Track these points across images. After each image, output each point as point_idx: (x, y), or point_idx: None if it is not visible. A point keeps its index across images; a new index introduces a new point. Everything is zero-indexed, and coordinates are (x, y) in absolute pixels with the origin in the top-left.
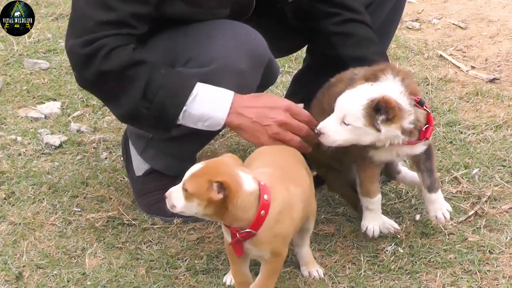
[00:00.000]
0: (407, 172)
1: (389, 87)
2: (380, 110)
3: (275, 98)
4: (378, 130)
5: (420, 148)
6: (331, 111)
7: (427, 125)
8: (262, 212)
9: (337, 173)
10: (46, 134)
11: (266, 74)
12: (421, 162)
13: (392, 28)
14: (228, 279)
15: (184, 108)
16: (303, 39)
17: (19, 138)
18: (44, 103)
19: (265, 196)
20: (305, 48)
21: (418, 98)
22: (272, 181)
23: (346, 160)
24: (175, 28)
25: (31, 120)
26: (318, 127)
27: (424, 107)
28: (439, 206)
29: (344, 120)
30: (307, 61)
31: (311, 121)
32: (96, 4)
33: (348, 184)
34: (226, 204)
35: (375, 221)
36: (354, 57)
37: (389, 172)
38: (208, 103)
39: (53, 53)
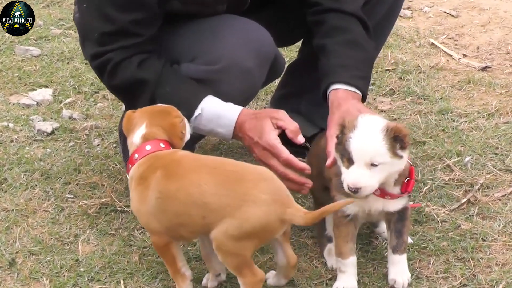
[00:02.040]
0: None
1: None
2: (397, 138)
3: (265, 129)
4: (400, 157)
5: (396, 205)
6: (316, 163)
7: (408, 178)
8: (129, 165)
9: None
10: (38, 121)
11: (272, 68)
12: (392, 222)
13: (387, 28)
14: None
15: (191, 124)
16: (302, 30)
17: (11, 125)
18: (36, 90)
19: (136, 155)
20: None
21: None
22: (156, 159)
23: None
24: (179, 23)
25: (23, 107)
26: (351, 185)
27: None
28: (400, 270)
29: (373, 162)
30: (302, 52)
31: (289, 162)
32: (97, 15)
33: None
34: None
35: (346, 285)
36: (319, 46)
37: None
38: (214, 122)
39: (45, 40)
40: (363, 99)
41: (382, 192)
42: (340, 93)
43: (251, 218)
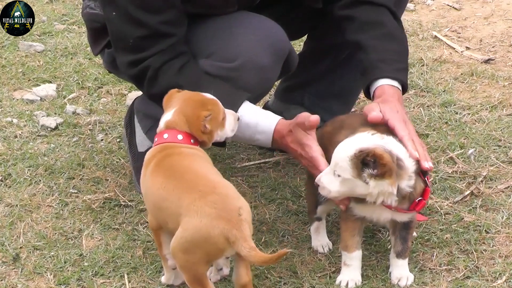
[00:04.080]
0: None
1: (395, 143)
2: (368, 164)
3: (304, 141)
4: (365, 182)
5: (402, 217)
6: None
7: (421, 198)
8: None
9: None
10: (42, 116)
11: (285, 63)
12: (397, 229)
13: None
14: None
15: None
16: (310, 25)
17: (15, 120)
18: (40, 85)
19: (155, 139)
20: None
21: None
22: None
23: None
24: (194, 21)
25: (26, 103)
26: (316, 179)
27: (425, 179)
28: (404, 272)
29: (335, 171)
30: (307, 45)
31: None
32: (127, 20)
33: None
34: None
35: (350, 278)
36: (353, 42)
37: None
38: (252, 129)
39: (48, 35)
40: (405, 90)
41: (388, 205)
42: (386, 89)
43: (189, 228)
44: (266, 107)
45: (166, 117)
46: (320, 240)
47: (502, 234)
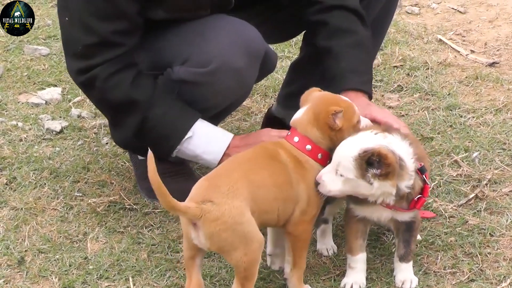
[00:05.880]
0: None
1: (397, 143)
2: (373, 164)
3: (260, 134)
4: (369, 183)
5: (403, 216)
6: None
7: (420, 196)
8: None
9: None
10: (47, 120)
11: (263, 64)
12: (401, 231)
13: (385, 25)
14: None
15: (178, 147)
16: (300, 27)
17: (20, 124)
18: (45, 89)
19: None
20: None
21: (421, 165)
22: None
23: None
24: (167, 27)
25: (32, 106)
26: (317, 176)
27: (424, 176)
28: (408, 275)
29: (338, 170)
30: (303, 50)
31: None
32: (78, 25)
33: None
34: None
35: (355, 280)
36: (325, 48)
37: None
38: (203, 146)
39: (53, 39)
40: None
41: (387, 204)
42: (351, 94)
43: None
44: (269, 113)
45: (297, 115)
46: (326, 243)
47: (507, 237)
